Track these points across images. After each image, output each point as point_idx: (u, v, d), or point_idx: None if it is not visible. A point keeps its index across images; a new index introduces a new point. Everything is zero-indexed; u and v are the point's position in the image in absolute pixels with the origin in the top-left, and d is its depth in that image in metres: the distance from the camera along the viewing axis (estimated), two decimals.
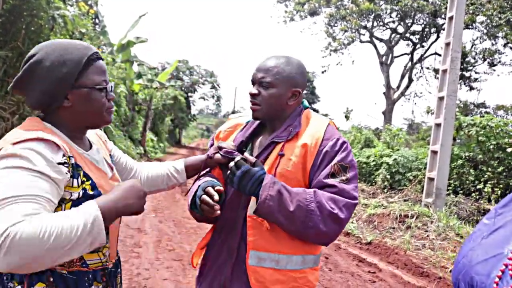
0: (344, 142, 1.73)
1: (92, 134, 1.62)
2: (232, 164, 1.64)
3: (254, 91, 1.77)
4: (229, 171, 1.65)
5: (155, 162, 1.89)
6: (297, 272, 1.70)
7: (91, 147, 1.53)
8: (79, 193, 1.31)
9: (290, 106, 1.81)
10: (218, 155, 1.81)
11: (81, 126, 1.45)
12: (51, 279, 1.31)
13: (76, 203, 1.27)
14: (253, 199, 1.68)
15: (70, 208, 1.27)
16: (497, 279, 0.92)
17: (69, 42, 1.41)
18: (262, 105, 1.77)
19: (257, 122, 1.91)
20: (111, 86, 1.48)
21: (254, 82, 1.80)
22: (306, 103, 1.90)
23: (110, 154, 1.68)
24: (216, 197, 1.61)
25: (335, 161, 1.68)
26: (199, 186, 1.72)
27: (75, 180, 1.31)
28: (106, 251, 1.47)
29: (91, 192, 1.35)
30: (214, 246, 1.85)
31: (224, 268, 1.77)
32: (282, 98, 1.77)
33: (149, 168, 1.87)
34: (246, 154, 1.70)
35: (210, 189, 1.64)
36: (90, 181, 1.36)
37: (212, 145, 1.98)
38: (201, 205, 1.64)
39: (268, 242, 1.68)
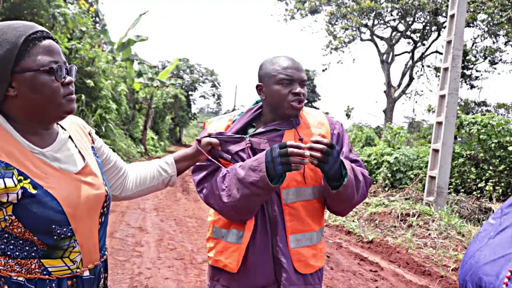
0: (342, 125, 2.02)
1: (74, 126, 1.47)
2: (325, 142, 1.65)
3: (304, 90, 1.87)
4: (321, 152, 1.65)
5: (143, 161, 1.82)
6: (320, 243, 1.95)
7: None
8: (17, 193, 1.16)
9: None
10: (208, 138, 1.83)
11: (36, 118, 1.28)
12: (6, 287, 1.19)
13: (19, 205, 1.17)
14: (289, 186, 1.80)
15: (12, 212, 1.17)
16: (506, 280, 0.91)
17: (8, 23, 1.23)
18: (302, 102, 1.89)
19: (250, 115, 1.95)
20: (67, 68, 1.29)
21: (294, 80, 1.85)
22: None
23: (93, 147, 1.51)
24: (303, 145, 1.65)
25: (346, 139, 1.96)
26: (268, 151, 1.70)
27: (7, 180, 1.15)
28: (76, 256, 1.29)
29: (33, 191, 1.18)
30: (255, 243, 1.85)
31: (273, 258, 1.85)
32: None
33: (138, 167, 1.78)
34: (319, 137, 1.73)
35: (289, 142, 1.65)
36: (28, 180, 1.19)
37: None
38: (288, 158, 1.62)
39: (301, 224, 1.85)
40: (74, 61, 11.67)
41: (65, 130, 1.41)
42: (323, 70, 26.12)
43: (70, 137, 1.41)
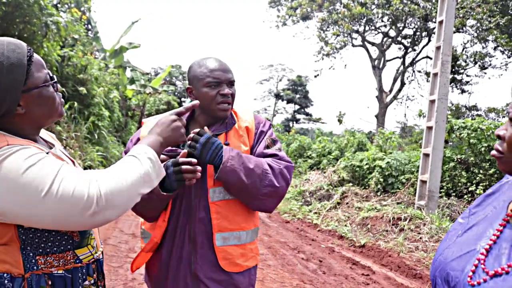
0: (270, 124, 2.08)
1: (43, 131, 1.53)
2: (195, 131, 1.78)
3: (232, 91, 1.92)
4: (190, 140, 1.77)
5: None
6: (252, 243, 1.98)
7: (49, 146, 1.46)
8: None
9: None
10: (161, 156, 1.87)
11: (39, 127, 1.38)
12: (50, 282, 1.30)
13: None
14: (210, 176, 1.86)
15: None
16: (470, 273, 0.97)
17: None
18: (231, 103, 1.95)
19: (185, 118, 1.98)
20: (53, 76, 1.38)
21: (222, 82, 1.90)
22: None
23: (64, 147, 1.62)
24: (194, 160, 1.72)
25: (267, 136, 2.01)
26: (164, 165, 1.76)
27: None
28: (94, 242, 1.46)
29: None
30: (171, 241, 1.91)
31: (192, 256, 1.87)
32: None
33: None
34: (205, 128, 1.85)
35: (181, 159, 1.73)
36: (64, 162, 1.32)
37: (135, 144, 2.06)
38: (181, 175, 1.71)
39: (230, 222, 1.89)
40: (66, 68, 11.69)
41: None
42: (315, 76, 26.23)
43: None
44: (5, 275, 1.22)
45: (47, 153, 1.27)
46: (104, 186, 1.20)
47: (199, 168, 1.72)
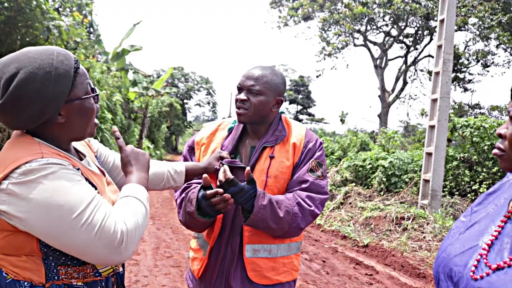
0: (321, 143, 2.01)
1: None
2: (225, 178, 1.73)
3: (244, 97, 1.90)
4: (220, 185, 1.75)
5: (154, 160, 1.87)
6: (285, 258, 1.96)
7: (79, 156, 1.47)
8: None
9: (273, 113, 1.98)
10: (219, 152, 1.95)
11: (75, 138, 1.39)
12: None
13: None
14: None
15: None
16: (473, 268, 0.99)
17: (48, 54, 1.26)
18: (250, 110, 1.90)
19: (241, 128, 2.03)
20: (94, 88, 1.40)
21: (242, 88, 1.93)
22: (281, 109, 2.10)
23: (96, 156, 1.62)
24: (221, 190, 1.73)
25: (313, 158, 1.95)
26: (197, 197, 1.82)
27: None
28: None
29: None
30: (217, 249, 1.96)
31: (231, 266, 1.91)
32: (268, 105, 1.93)
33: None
34: (248, 168, 1.80)
35: (210, 192, 1.74)
36: (96, 191, 1.32)
37: (190, 149, 2.12)
38: (214, 206, 1.74)
39: (261, 235, 1.90)
40: None
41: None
42: (317, 76, 26.23)
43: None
44: (25, 283, 1.23)
45: (77, 169, 1.28)
46: (128, 223, 1.24)
47: (228, 196, 1.72)
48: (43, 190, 1.14)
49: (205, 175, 1.75)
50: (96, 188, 1.34)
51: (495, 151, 1.05)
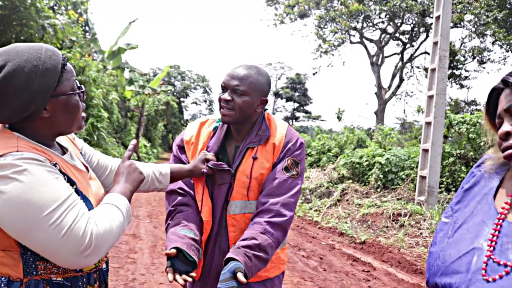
0: (302, 143, 1.97)
1: (62, 136, 1.54)
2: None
3: (228, 97, 1.87)
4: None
5: (138, 162, 1.84)
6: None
7: (63, 150, 1.46)
8: None
9: (257, 113, 1.96)
10: (204, 154, 1.95)
11: (58, 134, 1.39)
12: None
13: None
14: (231, 204, 1.91)
15: None
16: (483, 272, 0.95)
17: (36, 49, 1.28)
18: (235, 111, 1.88)
19: (225, 128, 2.02)
20: (81, 86, 1.42)
21: (226, 88, 1.90)
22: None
23: (81, 153, 1.61)
24: (189, 279, 1.66)
25: (291, 155, 1.92)
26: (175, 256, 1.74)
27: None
28: None
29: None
30: (207, 250, 1.98)
31: (220, 266, 1.91)
32: (253, 105, 1.90)
33: None
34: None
35: (185, 277, 1.67)
36: (74, 186, 1.32)
37: (180, 148, 2.09)
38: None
39: None
40: None
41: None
42: (314, 74, 26.27)
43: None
44: (3, 278, 1.22)
45: (54, 164, 1.27)
46: (100, 226, 1.23)
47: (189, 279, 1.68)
48: (16, 186, 1.13)
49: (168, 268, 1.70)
50: (74, 183, 1.33)
51: (509, 151, 0.98)
